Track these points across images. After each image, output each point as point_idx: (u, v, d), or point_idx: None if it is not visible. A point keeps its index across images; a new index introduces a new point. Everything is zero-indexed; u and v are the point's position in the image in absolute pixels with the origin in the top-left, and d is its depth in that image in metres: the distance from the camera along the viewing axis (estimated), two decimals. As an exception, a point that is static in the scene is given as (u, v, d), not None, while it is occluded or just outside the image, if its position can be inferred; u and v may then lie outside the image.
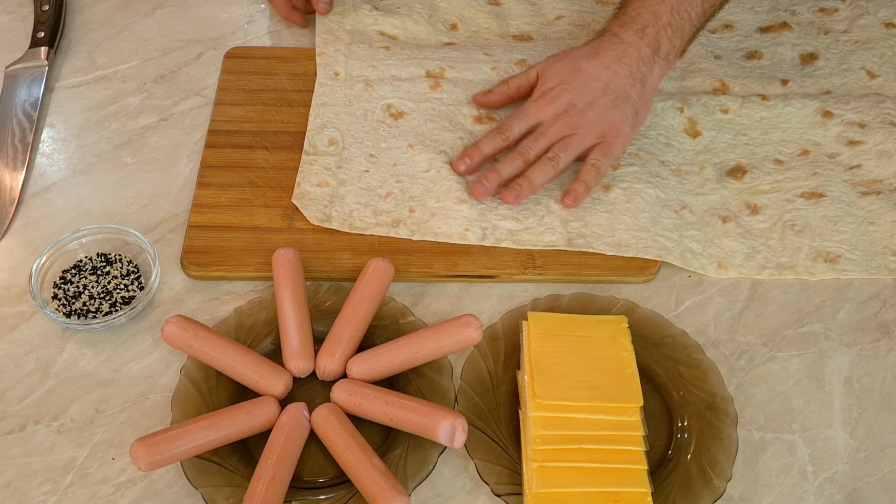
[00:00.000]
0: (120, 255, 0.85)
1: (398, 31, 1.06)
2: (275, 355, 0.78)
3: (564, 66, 0.92)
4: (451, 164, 0.91)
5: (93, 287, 0.82)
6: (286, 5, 1.04)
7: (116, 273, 0.83)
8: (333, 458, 0.71)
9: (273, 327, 0.79)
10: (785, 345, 0.82)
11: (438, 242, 0.86)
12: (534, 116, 0.90)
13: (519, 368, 0.77)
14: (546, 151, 0.89)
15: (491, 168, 0.88)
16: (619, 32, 0.92)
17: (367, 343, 0.78)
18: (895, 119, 0.96)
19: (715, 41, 1.06)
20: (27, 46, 1.04)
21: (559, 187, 0.90)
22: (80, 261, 0.84)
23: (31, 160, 0.94)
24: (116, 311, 0.81)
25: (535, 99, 0.91)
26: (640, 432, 0.70)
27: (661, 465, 0.73)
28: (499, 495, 0.70)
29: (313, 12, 1.06)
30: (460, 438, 0.69)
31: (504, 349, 0.79)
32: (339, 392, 0.73)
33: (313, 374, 0.77)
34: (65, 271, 0.83)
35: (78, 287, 0.82)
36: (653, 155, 0.93)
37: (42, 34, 1.04)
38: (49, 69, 1.02)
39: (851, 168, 0.93)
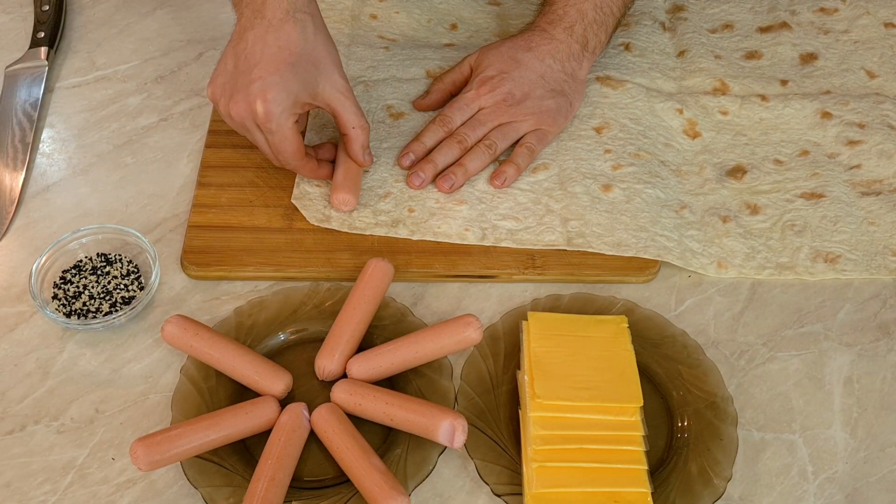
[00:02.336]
0: (120, 255, 0.85)
1: (397, 32, 1.06)
2: (276, 355, 0.78)
3: (501, 55, 0.94)
4: (397, 159, 0.92)
5: (93, 287, 0.82)
6: (311, 165, 0.86)
7: (116, 273, 0.83)
8: (333, 459, 0.71)
9: (273, 327, 0.79)
10: (785, 345, 0.82)
11: (438, 242, 0.86)
12: (474, 104, 0.92)
13: (519, 368, 0.77)
14: (483, 139, 0.91)
15: (426, 158, 0.90)
16: (549, 29, 0.95)
17: (366, 343, 0.78)
18: (893, 122, 0.96)
19: (715, 41, 1.06)
20: (27, 46, 1.04)
21: (558, 186, 0.90)
22: (80, 261, 0.84)
23: (31, 160, 0.95)
24: (116, 311, 0.81)
25: (475, 87, 0.93)
26: (640, 432, 0.70)
27: (661, 465, 0.73)
28: (499, 495, 0.70)
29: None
30: (460, 438, 0.69)
31: (504, 349, 0.79)
32: (339, 392, 0.73)
33: (313, 373, 0.77)
34: (65, 271, 0.83)
35: (78, 287, 0.82)
36: (652, 155, 0.93)
37: (42, 34, 1.04)
38: (49, 69, 1.02)
39: (851, 168, 0.93)
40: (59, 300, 0.82)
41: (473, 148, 0.90)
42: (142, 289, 0.83)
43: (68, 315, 0.80)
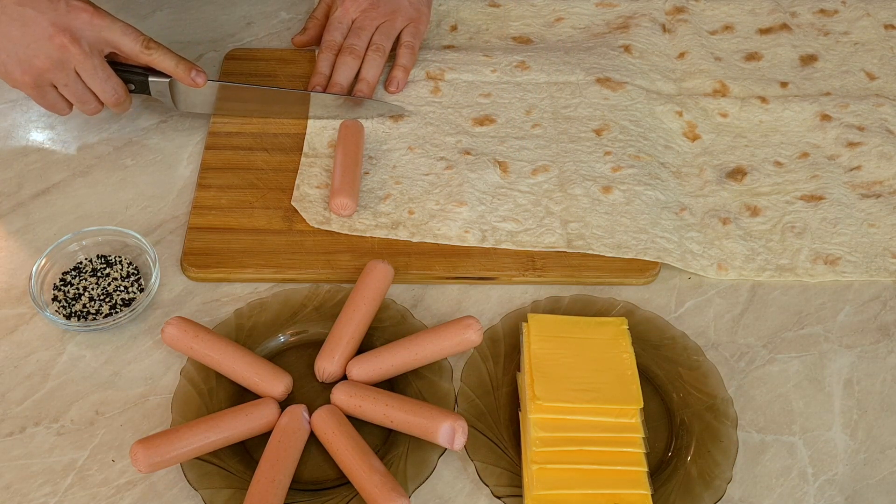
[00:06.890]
0: (120, 257, 0.85)
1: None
2: (276, 357, 0.78)
3: None
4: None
5: (93, 289, 0.82)
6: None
7: (116, 275, 0.83)
8: (333, 460, 0.71)
9: (273, 329, 0.79)
10: (785, 346, 0.82)
11: (438, 244, 0.86)
12: (346, 19, 0.99)
13: (519, 370, 0.77)
14: (369, 45, 0.98)
15: (330, 84, 0.97)
16: None
17: (367, 345, 0.78)
18: (891, 127, 0.96)
19: (715, 42, 1.06)
20: (27, 48, 1.04)
21: (558, 188, 0.90)
22: (80, 263, 0.84)
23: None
24: (116, 312, 0.81)
25: (339, 5, 1.01)
26: (640, 434, 0.70)
27: (661, 467, 0.73)
28: (499, 497, 0.70)
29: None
30: (460, 440, 0.69)
31: (504, 351, 0.79)
32: (340, 394, 0.73)
33: (313, 375, 0.77)
34: (65, 273, 0.83)
35: (78, 289, 0.82)
36: (653, 157, 0.93)
37: (42, 36, 1.04)
38: (49, 71, 1.02)
39: (851, 170, 0.93)
40: (59, 302, 0.82)
41: (365, 57, 0.96)
42: (142, 290, 0.83)
43: (68, 317, 0.80)
